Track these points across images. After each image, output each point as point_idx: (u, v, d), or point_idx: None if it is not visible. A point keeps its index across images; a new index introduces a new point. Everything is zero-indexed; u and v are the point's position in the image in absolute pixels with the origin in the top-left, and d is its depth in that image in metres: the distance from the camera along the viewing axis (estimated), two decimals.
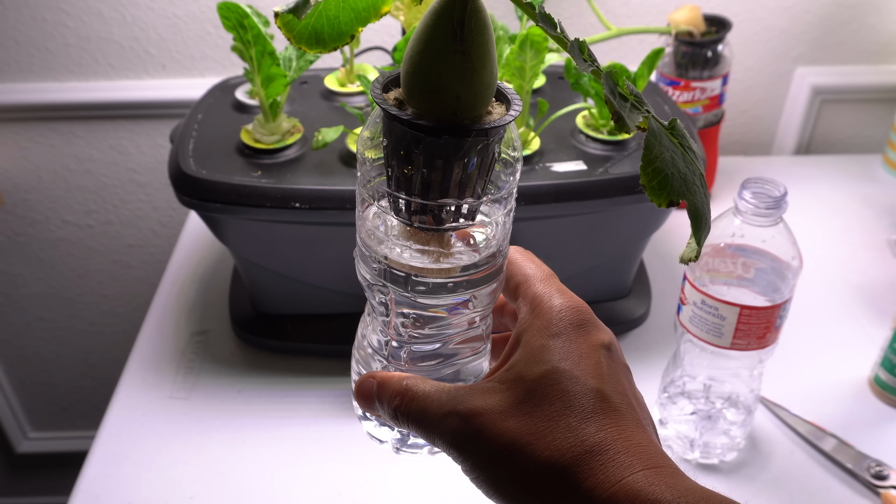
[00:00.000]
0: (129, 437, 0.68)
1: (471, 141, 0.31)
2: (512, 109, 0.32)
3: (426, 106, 0.31)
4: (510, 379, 0.33)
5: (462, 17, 0.30)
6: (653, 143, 0.28)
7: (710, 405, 0.65)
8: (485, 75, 0.31)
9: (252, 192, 0.64)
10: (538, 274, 0.37)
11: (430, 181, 0.32)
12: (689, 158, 0.30)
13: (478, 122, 0.31)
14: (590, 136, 0.71)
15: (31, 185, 1.11)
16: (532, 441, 0.31)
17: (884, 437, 0.68)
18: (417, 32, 0.31)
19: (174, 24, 0.99)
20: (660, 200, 0.28)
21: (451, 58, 0.30)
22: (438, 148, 0.31)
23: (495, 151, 0.33)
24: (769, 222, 0.55)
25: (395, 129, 0.31)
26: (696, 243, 0.30)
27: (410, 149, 0.31)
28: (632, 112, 0.29)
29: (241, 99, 0.77)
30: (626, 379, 0.35)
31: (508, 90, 0.33)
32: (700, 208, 0.29)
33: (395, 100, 0.32)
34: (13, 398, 1.33)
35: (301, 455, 0.67)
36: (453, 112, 0.31)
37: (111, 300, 1.24)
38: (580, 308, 0.36)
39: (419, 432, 0.35)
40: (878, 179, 1.04)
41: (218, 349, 0.77)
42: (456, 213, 0.33)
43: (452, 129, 0.31)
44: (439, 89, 0.31)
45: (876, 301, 0.83)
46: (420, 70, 0.31)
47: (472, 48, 0.30)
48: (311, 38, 0.31)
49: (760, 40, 1.04)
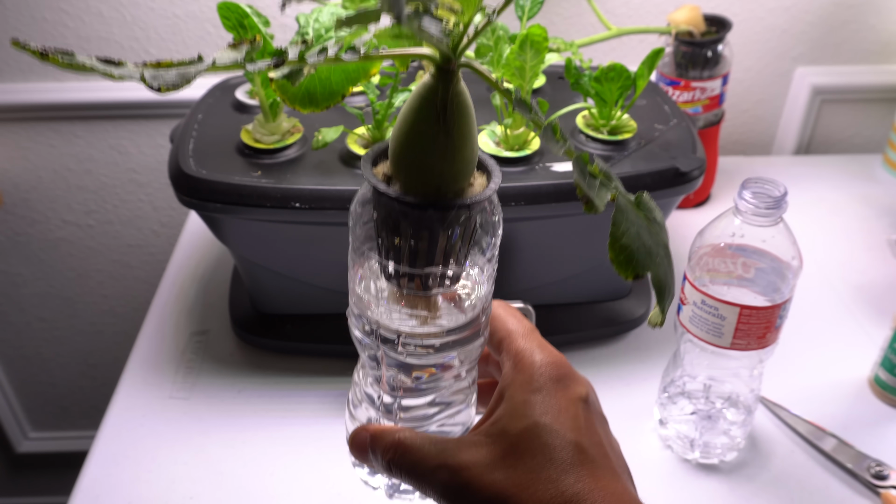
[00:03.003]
0: (129, 437, 0.68)
1: (454, 214, 0.33)
2: (492, 182, 0.34)
3: (412, 181, 0.33)
4: (495, 433, 0.36)
5: (444, 100, 0.32)
6: (620, 219, 0.30)
7: (710, 405, 0.65)
8: (466, 152, 0.33)
9: (252, 192, 0.64)
10: (520, 329, 0.40)
11: (417, 250, 0.34)
12: (653, 230, 0.32)
13: (460, 196, 0.34)
14: (590, 136, 0.71)
15: (31, 185, 1.11)
16: (516, 493, 0.34)
17: (884, 437, 0.68)
18: (403, 114, 0.33)
19: (174, 24, 0.99)
20: (626, 274, 0.31)
21: (434, 138, 0.32)
22: (424, 221, 0.33)
23: (477, 221, 0.35)
24: (769, 222, 0.55)
25: (384, 203, 0.33)
26: (660, 311, 0.32)
27: (398, 221, 0.33)
28: (601, 190, 0.31)
29: (241, 99, 0.77)
30: (602, 429, 0.38)
31: (489, 161, 0.36)
32: (663, 279, 0.32)
33: (383, 175, 0.34)
34: (13, 398, 1.33)
35: (301, 455, 0.67)
36: (437, 187, 0.33)
37: (111, 300, 1.24)
38: (559, 363, 0.38)
39: (411, 483, 0.37)
40: (878, 179, 1.04)
41: (218, 349, 0.77)
42: (442, 278, 0.35)
43: (437, 205, 0.33)
44: (424, 167, 0.33)
45: (876, 301, 0.83)
46: (406, 150, 0.33)
47: (453, 129, 0.32)
48: (304, 98, 0.33)
49: (760, 40, 1.04)
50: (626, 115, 0.73)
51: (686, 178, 0.67)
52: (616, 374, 0.74)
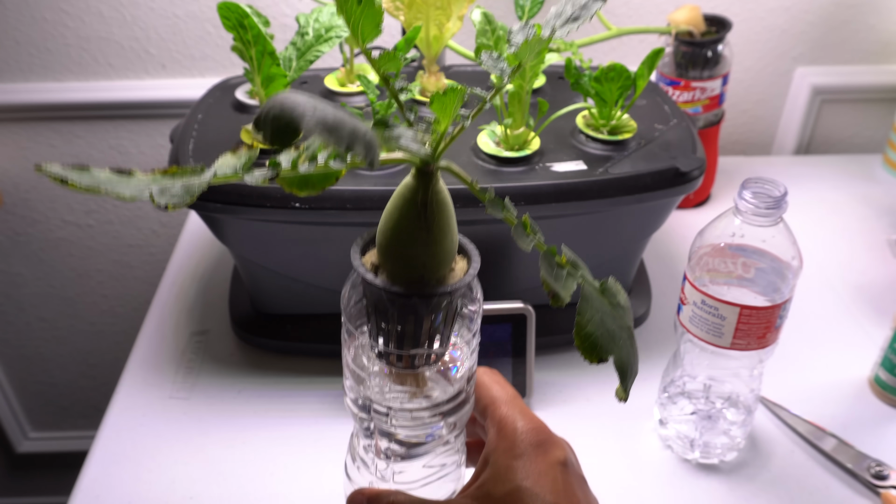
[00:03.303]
0: (129, 437, 0.68)
1: (437, 301, 0.36)
2: (472, 267, 0.37)
3: (398, 271, 0.36)
4: (481, 496, 0.39)
5: (425, 199, 0.35)
6: (585, 308, 0.33)
7: (710, 405, 0.65)
8: (446, 244, 0.36)
9: (252, 192, 0.64)
10: (503, 396, 0.42)
11: (404, 333, 0.37)
12: (617, 314, 0.35)
13: (443, 283, 0.36)
14: (590, 136, 0.71)
15: (31, 185, 1.11)
16: None
17: (884, 437, 0.68)
18: (388, 211, 0.36)
19: (174, 24, 0.99)
20: (591, 359, 0.33)
21: (417, 233, 0.35)
22: (409, 308, 0.36)
23: (459, 302, 0.38)
24: (769, 222, 0.55)
25: (373, 291, 0.36)
26: (623, 389, 0.35)
27: (386, 307, 0.36)
28: (567, 280, 0.33)
29: (241, 99, 0.77)
30: (580, 490, 0.40)
31: (469, 245, 0.38)
32: (625, 360, 0.34)
33: (371, 264, 0.37)
34: (13, 398, 1.33)
35: (301, 455, 0.67)
36: (421, 276, 0.36)
37: (111, 300, 1.24)
38: (539, 429, 0.41)
39: None
40: (878, 179, 1.04)
41: (218, 349, 0.77)
42: (428, 357, 0.38)
43: (421, 293, 0.35)
44: (408, 259, 0.36)
45: (876, 301, 0.83)
46: (392, 243, 0.36)
47: (434, 224, 0.35)
48: (301, 183, 0.34)
49: (760, 40, 1.04)
50: (626, 115, 0.73)
51: (686, 178, 0.67)
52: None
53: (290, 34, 0.99)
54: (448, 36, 0.73)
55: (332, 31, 0.67)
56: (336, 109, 0.26)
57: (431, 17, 0.71)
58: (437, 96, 0.33)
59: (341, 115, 0.26)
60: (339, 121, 0.26)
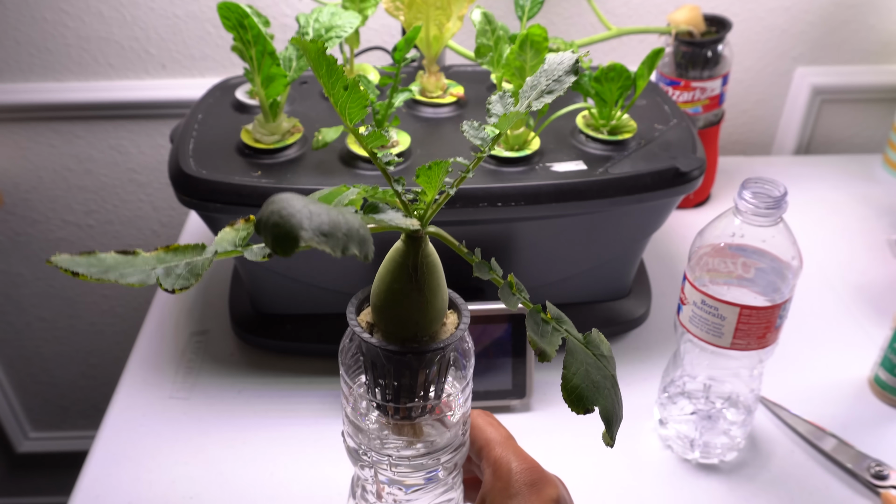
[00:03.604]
0: (129, 437, 0.68)
1: (429, 356, 0.38)
2: (462, 322, 0.39)
3: (391, 329, 0.38)
4: None
5: (415, 263, 0.36)
6: (570, 361, 0.35)
7: (710, 405, 0.65)
8: (437, 303, 0.38)
9: (252, 192, 0.64)
10: (497, 438, 0.44)
11: (400, 387, 0.38)
12: (601, 364, 0.36)
13: (435, 339, 0.38)
14: (590, 136, 0.71)
15: (31, 185, 1.11)
16: None
17: (884, 437, 0.68)
18: (381, 274, 0.38)
19: (174, 24, 0.99)
20: (578, 410, 0.35)
21: (408, 295, 0.37)
22: (404, 364, 0.37)
23: (451, 356, 0.40)
24: (769, 222, 0.55)
25: (369, 349, 0.38)
26: (609, 437, 0.36)
27: (382, 363, 0.38)
28: (553, 335, 0.36)
29: (241, 99, 0.77)
30: None
31: (458, 300, 0.40)
32: (610, 409, 0.36)
33: (366, 323, 0.39)
34: (13, 398, 1.33)
35: (301, 455, 0.67)
36: (414, 333, 0.38)
37: (111, 300, 1.24)
38: (533, 469, 0.43)
39: None
40: (878, 179, 1.04)
41: (218, 349, 0.77)
42: (423, 408, 0.40)
43: (414, 350, 0.37)
44: (401, 319, 0.37)
45: (876, 301, 0.83)
46: (385, 304, 0.37)
47: (424, 286, 0.37)
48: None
49: (760, 40, 1.04)
50: (626, 115, 0.73)
51: (686, 178, 0.67)
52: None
53: (290, 34, 0.99)
54: (448, 36, 0.73)
55: (332, 31, 0.67)
56: (329, 211, 0.28)
57: (431, 17, 0.71)
58: (423, 170, 0.35)
59: (336, 218, 0.27)
60: (334, 225, 0.27)
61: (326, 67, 0.33)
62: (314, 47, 0.32)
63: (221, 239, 0.34)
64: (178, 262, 0.32)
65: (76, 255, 0.30)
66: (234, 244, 0.34)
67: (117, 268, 0.31)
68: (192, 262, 0.32)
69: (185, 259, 0.32)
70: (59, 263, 0.29)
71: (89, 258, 0.30)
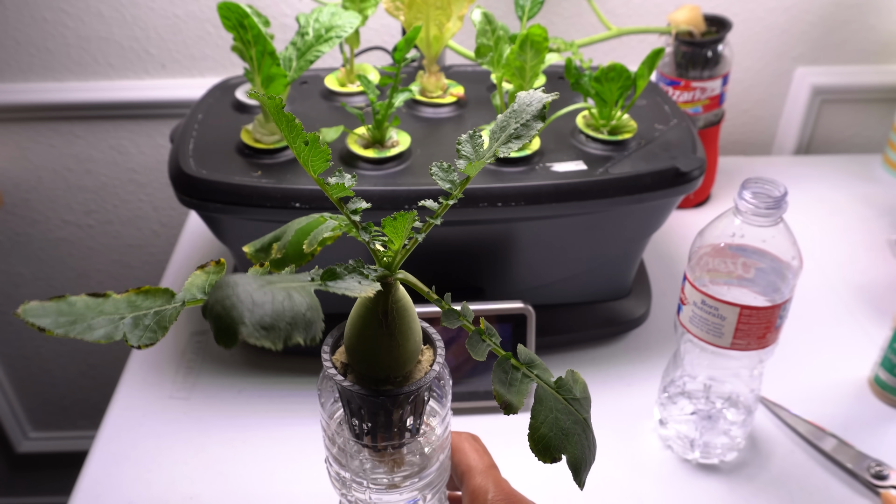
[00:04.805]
0: (129, 437, 0.68)
1: (403, 395, 0.38)
2: (436, 360, 0.39)
3: (365, 371, 0.38)
4: None
5: (385, 308, 0.37)
6: (538, 410, 0.35)
7: (710, 405, 0.65)
8: (409, 346, 0.38)
9: (252, 192, 0.64)
10: (479, 466, 0.45)
11: (376, 426, 0.39)
12: (572, 409, 0.36)
13: (409, 378, 0.39)
14: (590, 136, 0.71)
15: (31, 185, 1.11)
16: None
17: (884, 437, 0.68)
18: (353, 318, 0.38)
19: (174, 24, 0.99)
20: (545, 459, 0.35)
21: (380, 340, 0.37)
22: (377, 405, 0.38)
23: (427, 394, 0.40)
24: (769, 222, 0.55)
25: (344, 389, 0.39)
26: (578, 482, 0.36)
27: (357, 403, 0.39)
28: (523, 382, 0.36)
29: (241, 99, 0.77)
30: None
31: (433, 335, 0.40)
32: (579, 456, 0.35)
33: (341, 364, 0.40)
34: (13, 398, 1.33)
35: (301, 455, 0.67)
36: (387, 376, 0.38)
37: None
38: (511, 499, 0.43)
39: None
40: (878, 179, 1.04)
41: (218, 349, 0.77)
42: (401, 444, 0.41)
43: (387, 392, 0.37)
44: (374, 362, 0.38)
45: (876, 301, 0.83)
46: (357, 348, 0.38)
47: (395, 330, 0.37)
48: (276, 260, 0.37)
49: (760, 40, 1.04)
50: (627, 115, 0.73)
51: (686, 178, 0.67)
52: (616, 374, 0.74)
53: (290, 34, 0.99)
54: (448, 36, 0.73)
55: (332, 31, 0.67)
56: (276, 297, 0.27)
57: (431, 17, 0.71)
58: (388, 221, 0.35)
59: (280, 307, 0.27)
60: (277, 316, 0.27)
61: (286, 124, 0.33)
62: (272, 104, 0.31)
63: (191, 284, 0.34)
64: (148, 311, 0.31)
65: (46, 301, 0.29)
66: (203, 291, 0.34)
67: (85, 317, 0.30)
68: (160, 312, 0.31)
69: (155, 306, 0.32)
70: (26, 316, 0.28)
71: (59, 304, 0.30)
